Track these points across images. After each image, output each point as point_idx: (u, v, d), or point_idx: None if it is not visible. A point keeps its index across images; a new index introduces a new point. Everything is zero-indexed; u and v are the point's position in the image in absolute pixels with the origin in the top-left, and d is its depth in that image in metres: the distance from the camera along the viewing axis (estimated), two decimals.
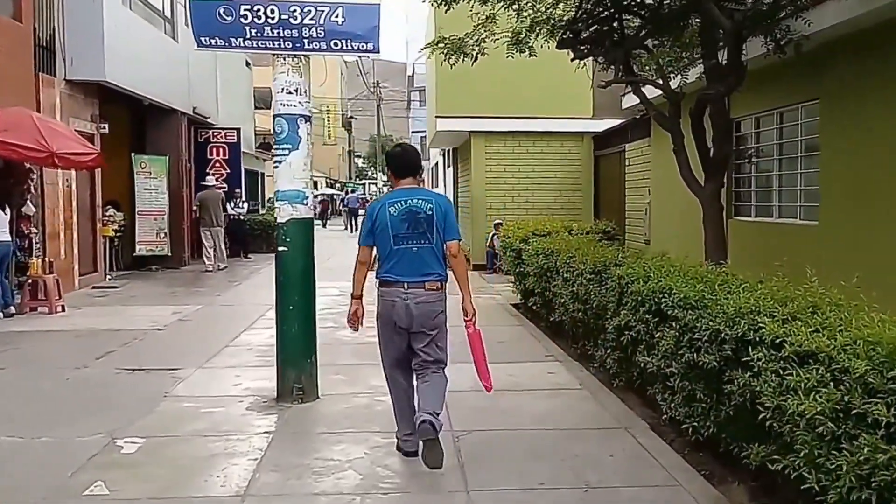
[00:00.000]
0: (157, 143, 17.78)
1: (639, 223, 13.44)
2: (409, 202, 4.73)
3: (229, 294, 13.23)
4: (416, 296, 4.74)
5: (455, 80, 17.09)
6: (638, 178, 13.55)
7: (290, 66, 5.67)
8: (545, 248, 8.90)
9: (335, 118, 71.19)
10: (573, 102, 16.95)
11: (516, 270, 10.63)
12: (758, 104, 9.04)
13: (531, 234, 10.46)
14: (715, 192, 7.32)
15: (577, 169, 17.12)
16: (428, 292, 4.80)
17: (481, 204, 17.15)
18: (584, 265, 7.03)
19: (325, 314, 10.83)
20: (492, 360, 7.62)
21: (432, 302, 4.84)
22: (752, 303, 4.14)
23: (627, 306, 5.55)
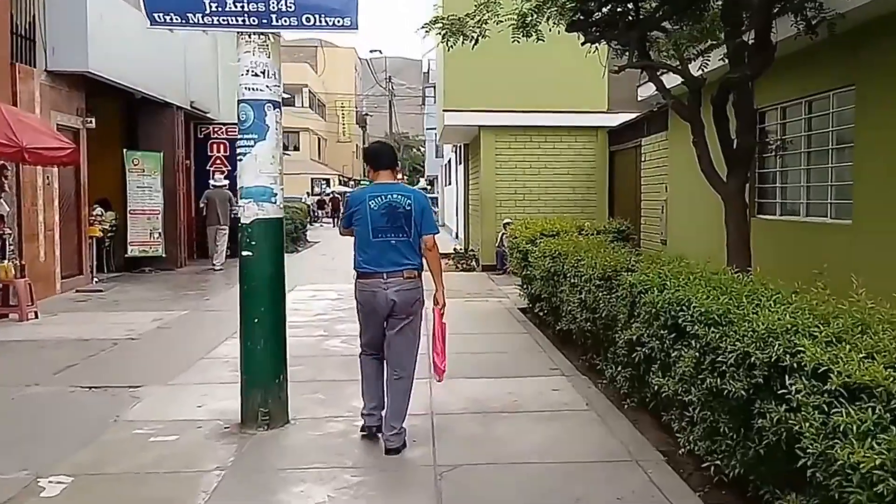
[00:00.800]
0: (151, 139, 17.16)
1: (655, 222, 12.67)
2: (389, 197, 4.97)
3: (219, 298, 12.57)
4: (395, 284, 4.97)
5: (464, 73, 16.40)
6: (654, 174, 12.78)
7: (255, 44, 4.98)
8: (552, 250, 8.17)
9: (349, 115, 70.74)
10: (587, 96, 16.18)
11: (523, 273, 9.92)
12: (784, 93, 8.27)
13: (539, 234, 9.73)
14: (738, 187, 6.57)
15: (591, 165, 16.36)
16: (406, 280, 5.03)
17: (491, 202, 16.42)
18: (593, 270, 6.30)
19: (317, 321, 10.19)
20: (492, 374, 7.02)
21: (410, 289, 5.08)
22: (788, 320, 3.42)
23: (640, 318, 4.82)
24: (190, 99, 18.21)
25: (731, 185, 6.54)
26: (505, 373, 7.02)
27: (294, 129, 59.06)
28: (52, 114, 12.77)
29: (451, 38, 8.32)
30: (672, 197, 11.79)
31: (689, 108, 6.80)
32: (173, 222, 17.34)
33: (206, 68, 19.97)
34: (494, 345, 8.45)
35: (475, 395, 6.20)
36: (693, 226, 10.76)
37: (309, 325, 9.85)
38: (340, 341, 8.74)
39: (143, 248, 16.83)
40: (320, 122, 65.86)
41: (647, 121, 13.28)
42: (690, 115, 6.77)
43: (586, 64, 16.63)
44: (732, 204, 6.51)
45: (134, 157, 16.74)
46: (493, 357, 7.78)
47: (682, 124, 11.22)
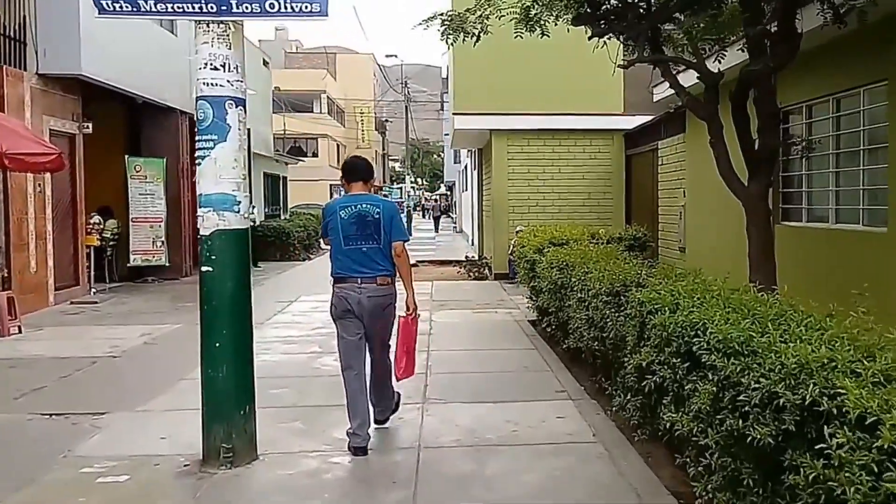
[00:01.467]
0: (154, 145, 16.75)
1: (673, 228, 12.03)
2: (358, 207, 5.21)
3: None
4: (368, 290, 5.18)
5: (474, 75, 15.86)
6: (672, 178, 12.14)
7: (214, 34, 4.44)
8: (559, 261, 7.58)
9: (368, 121, 70.41)
10: (602, 98, 15.59)
11: (531, 284, 9.32)
12: (809, 90, 7.64)
13: (548, 243, 9.13)
14: (761, 192, 5.95)
15: (607, 169, 15.73)
16: (379, 286, 5.22)
17: (503, 208, 15.84)
18: (600, 284, 5.70)
19: (314, 335, 9.65)
20: (493, 397, 6.42)
21: (383, 295, 5.26)
22: (824, 353, 2.81)
23: (650, 342, 4.21)
24: None
25: (752, 190, 5.93)
26: (507, 396, 6.43)
27: (313, 135, 58.89)
28: (45, 118, 12.38)
29: (451, 35, 7.76)
30: (690, 202, 11.16)
31: (705, 106, 6.19)
32: (177, 230, 16.90)
33: None
34: (499, 362, 7.87)
35: (471, 423, 5.61)
36: (713, 233, 10.13)
37: (304, 341, 9.32)
38: (334, 359, 8.15)
39: (146, 258, 16.40)
40: (339, 129, 65.58)
41: (664, 123, 12.66)
42: (707, 113, 6.17)
43: (601, 65, 16.05)
44: (754, 210, 5.89)
45: (136, 163, 16.33)
46: (495, 377, 7.20)
47: (700, 126, 10.60)
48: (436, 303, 12.59)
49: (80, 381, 7.33)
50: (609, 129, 15.65)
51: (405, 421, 5.71)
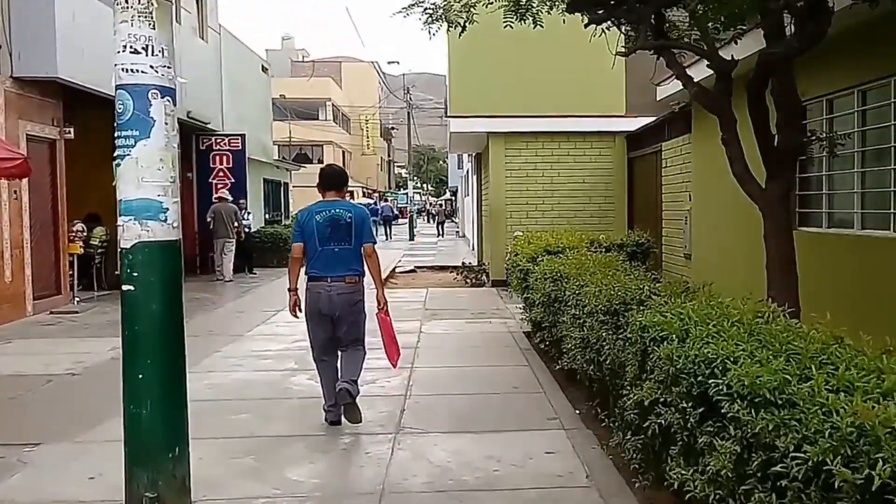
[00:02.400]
0: None
1: (678, 234, 11.31)
2: (332, 211, 5.65)
3: (198, 320, 11.41)
4: (337, 288, 5.59)
5: (470, 77, 15.19)
6: (676, 181, 11.43)
7: (135, 11, 3.76)
8: (553, 271, 6.88)
9: (374, 128, 69.88)
10: (603, 99, 14.86)
11: (524, 296, 8.62)
12: (831, 82, 6.91)
13: (543, 251, 8.43)
14: (780, 195, 5.24)
15: (609, 173, 15.02)
16: (348, 285, 5.64)
17: (501, 213, 15.13)
18: (597, 300, 5.00)
19: (293, 349, 8.94)
20: (476, 426, 5.69)
21: (351, 293, 5.68)
22: (894, 412, 2.09)
23: (653, 376, 3.50)
24: (186, 109, 17.16)
25: (770, 192, 5.21)
26: (492, 424, 5.72)
27: (318, 142, 58.46)
28: (22, 123, 11.77)
29: (433, 25, 7.08)
30: (697, 207, 10.44)
31: (716, 98, 5.48)
32: None
33: (207, 77, 18.95)
34: (487, 382, 7.15)
35: (448, 459, 4.90)
36: (722, 240, 9.41)
37: (282, 356, 8.62)
38: (309, 377, 7.48)
39: None
40: (344, 136, 65.14)
41: (668, 123, 11.95)
42: (718, 105, 5.45)
43: (601, 65, 15.35)
44: (773, 215, 5.18)
45: None
46: (482, 401, 6.49)
47: (707, 125, 9.90)
48: (428, 312, 11.89)
49: (26, 403, 6.66)
50: (610, 132, 14.95)
51: (371, 456, 5.01)
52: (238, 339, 9.84)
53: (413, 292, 14.74)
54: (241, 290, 15.85)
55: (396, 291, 15.03)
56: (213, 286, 16.35)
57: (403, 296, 14.13)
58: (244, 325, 10.84)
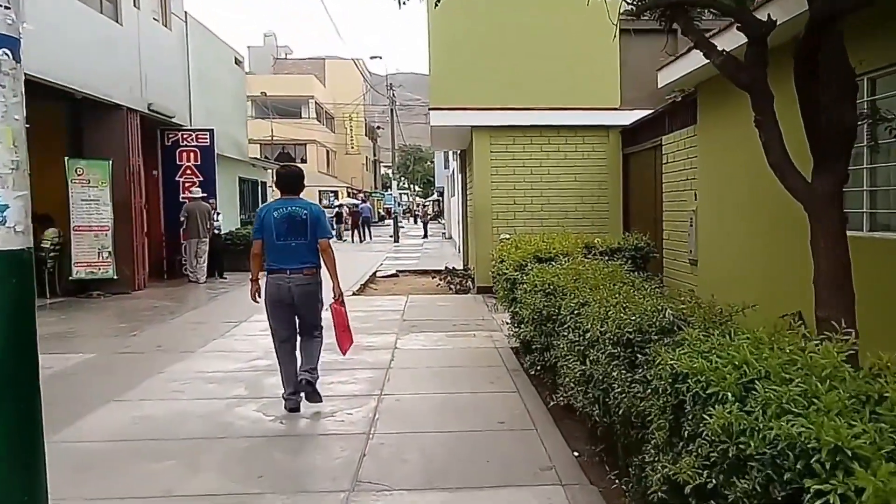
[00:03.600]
0: (98, 146, 14.91)
1: (681, 237, 10.26)
2: (288, 209, 6.14)
3: (148, 333, 10.29)
4: (296, 280, 6.08)
5: (452, 66, 14.09)
6: (679, 178, 10.37)
7: None
8: (545, 283, 5.80)
9: (358, 127, 68.58)
10: (596, 91, 13.85)
11: (511, 309, 7.53)
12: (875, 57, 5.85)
13: (532, 258, 7.35)
14: (832, 191, 4.17)
15: (603, 170, 13.96)
16: (305, 276, 6.12)
17: (486, 214, 14.05)
18: (603, 325, 3.92)
19: (246, 370, 7.81)
20: (453, 480, 4.54)
21: (308, 283, 6.15)
22: None
23: (698, 451, 2.41)
24: (147, 101, 16.01)
25: (819, 188, 4.14)
26: (473, 476, 4.62)
27: (301, 141, 57.23)
28: None
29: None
30: (704, 206, 9.39)
31: (747, 67, 4.39)
32: (127, 239, 15.08)
33: (171, 68, 17.77)
34: (469, 415, 6.06)
35: None
36: (736, 244, 8.36)
37: (231, 379, 7.51)
38: (258, 407, 6.39)
39: (91, 270, 14.63)
40: (328, 135, 63.92)
41: (669, 115, 10.91)
42: (750, 77, 4.37)
43: (594, 54, 14.35)
44: (823, 216, 4.11)
45: (77, 166, 14.55)
46: (461, 442, 5.39)
47: (717, 114, 8.86)
48: (406, 323, 10.79)
49: None
50: (604, 126, 13.89)
51: None
52: (188, 356, 8.71)
53: (392, 300, 13.63)
54: (207, 296, 14.70)
55: (375, 299, 13.91)
56: (175, 292, 15.20)
57: (381, 304, 13.02)
58: (199, 339, 9.71)
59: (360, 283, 16.54)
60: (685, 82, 9.37)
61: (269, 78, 60.13)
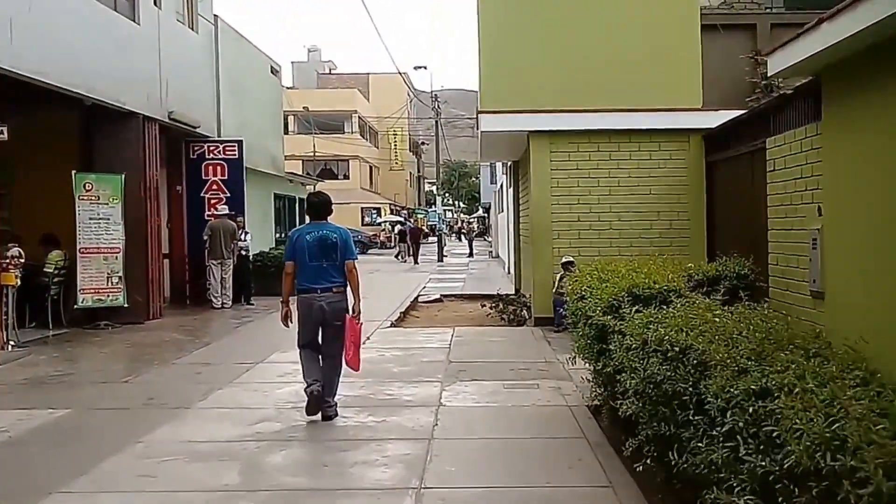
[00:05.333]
0: (110, 158, 13.40)
1: (797, 263, 8.19)
2: (320, 233, 6.61)
3: (142, 381, 8.58)
4: (326, 298, 6.50)
5: (505, 64, 12.27)
6: (793, 189, 8.31)
7: None
8: (664, 340, 3.87)
9: (402, 142, 67.08)
10: (674, 89, 11.94)
11: (599, 366, 5.57)
12: None
13: (626, 295, 5.40)
14: None
15: (682, 181, 11.95)
16: (335, 294, 6.55)
17: (545, 233, 12.12)
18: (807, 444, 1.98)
19: (247, 441, 5.66)
20: None
21: (338, 301, 6.58)
22: None
23: None
24: (168, 109, 14.47)
25: None
26: None
27: (344, 156, 55.94)
28: None
29: None
30: (833, 224, 7.33)
31: None
32: (141, 262, 13.49)
33: (196, 72, 16.26)
34: None
35: None
36: (882, 271, 6.30)
37: (223, 455, 5.68)
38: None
39: (99, 297, 13.05)
40: (372, 150, 62.62)
41: (775, 111, 8.88)
42: None
43: (670, 46, 12.41)
44: None
45: (86, 180, 13.01)
46: None
47: (857, 105, 6.84)
48: (453, 367, 8.91)
49: None
50: (683, 129, 11.88)
51: None
52: (180, 415, 6.94)
53: (436, 333, 11.71)
54: (227, 326, 13.00)
55: (416, 332, 12.02)
56: (192, 322, 13.55)
57: (423, 339, 11.13)
58: (201, 389, 7.94)
59: (400, 310, 14.69)
60: (806, 67, 7.36)
61: (312, 92, 59.14)
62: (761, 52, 14.04)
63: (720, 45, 13.53)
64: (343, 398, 7.33)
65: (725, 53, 13.74)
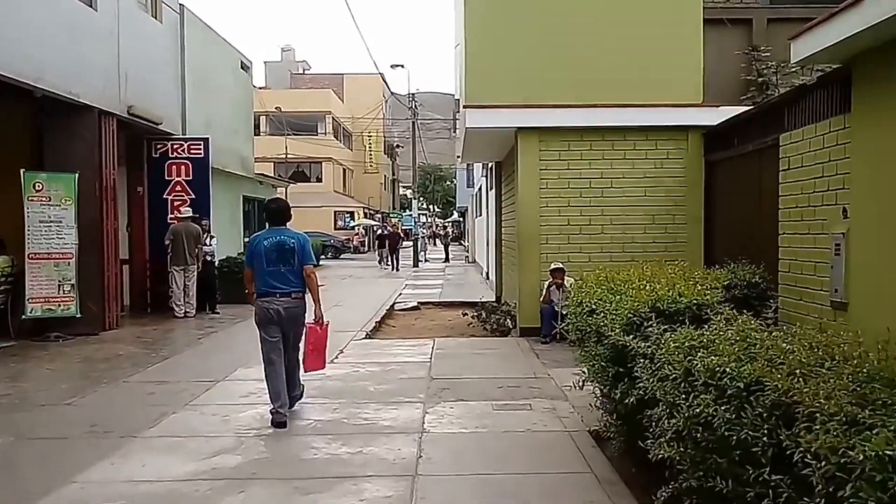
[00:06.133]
0: (62, 155, 12.36)
1: (815, 270, 7.44)
2: (278, 238, 6.69)
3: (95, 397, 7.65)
4: (284, 303, 6.57)
5: (494, 56, 11.42)
6: (812, 189, 7.56)
7: None
8: (722, 371, 3.03)
9: (377, 144, 65.95)
10: (672, 83, 11.16)
11: (616, 395, 4.71)
12: None
13: (649, 310, 4.55)
14: None
15: (680, 182, 11.20)
16: (293, 300, 6.62)
17: (533, 237, 11.31)
18: None
19: (199, 479, 4.69)
20: None
21: (296, 307, 6.65)
22: None
23: None
24: (127, 103, 13.46)
25: None
26: None
27: (317, 158, 54.72)
28: None
29: None
30: (861, 227, 6.58)
31: None
32: (96, 269, 12.46)
33: (159, 65, 15.25)
34: None
35: None
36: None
37: (171, 498, 4.76)
38: None
39: (49, 307, 12.03)
40: (346, 152, 61.45)
41: (792, 104, 8.14)
42: None
43: (670, 37, 11.63)
44: None
45: (36, 180, 11.98)
46: None
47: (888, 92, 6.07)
48: (436, 384, 8.05)
49: None
50: (681, 127, 11.13)
51: None
52: (126, 445, 6.00)
53: (415, 345, 10.81)
54: (188, 338, 11.99)
55: (393, 344, 11.10)
56: (152, 333, 12.55)
57: (401, 352, 10.24)
58: (151, 413, 6.99)
59: (376, 319, 13.78)
60: (836, 53, 6.61)
61: (285, 92, 57.96)
62: (758, 47, 13.38)
63: (713, 41, 12.80)
64: (313, 423, 6.47)
65: (718, 50, 13.02)
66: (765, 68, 13.05)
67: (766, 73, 12.87)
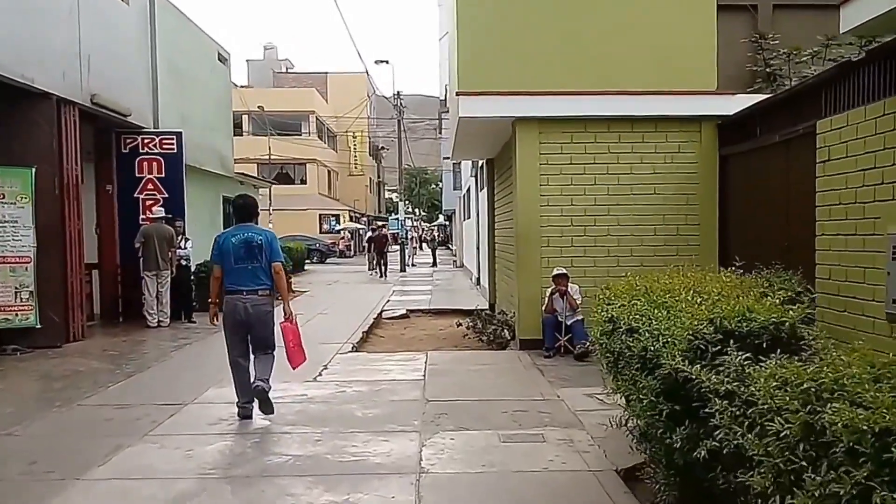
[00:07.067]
0: (17, 148, 11.24)
1: (863, 276, 6.53)
2: (245, 235, 6.63)
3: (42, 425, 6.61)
4: (251, 300, 6.55)
5: (489, 37, 10.41)
6: (860, 182, 6.64)
7: None
8: (871, 430, 2.07)
9: (362, 145, 64.73)
10: (683, 68, 10.22)
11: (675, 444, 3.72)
12: None
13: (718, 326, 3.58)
14: None
15: (692, 178, 10.27)
16: (260, 297, 6.61)
17: (532, 239, 10.34)
18: None
19: None
20: None
21: (263, 304, 6.63)
22: None
23: None
24: (90, 91, 12.38)
25: None
26: None
27: (301, 160, 53.47)
28: None
29: None
30: None
31: None
32: (57, 274, 11.38)
33: (127, 52, 14.16)
34: None
35: None
36: None
37: None
38: None
39: (5, 317, 10.96)
40: (330, 153, 60.22)
41: (828, 86, 7.24)
42: None
43: (680, 18, 10.72)
44: None
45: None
46: None
47: None
48: (431, 408, 7.05)
49: None
50: (694, 117, 10.22)
51: None
52: (67, 491, 4.97)
53: (406, 360, 9.76)
54: (159, 351, 10.92)
55: (382, 359, 10.02)
56: (119, 345, 11.49)
57: (391, 368, 9.20)
58: (103, 446, 5.95)
59: (363, 329, 12.76)
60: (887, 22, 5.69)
61: (267, 91, 56.72)
62: (765, 35, 12.46)
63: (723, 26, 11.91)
64: (291, 460, 5.47)
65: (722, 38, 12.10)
66: (772, 58, 12.12)
67: (775, 62, 11.95)
